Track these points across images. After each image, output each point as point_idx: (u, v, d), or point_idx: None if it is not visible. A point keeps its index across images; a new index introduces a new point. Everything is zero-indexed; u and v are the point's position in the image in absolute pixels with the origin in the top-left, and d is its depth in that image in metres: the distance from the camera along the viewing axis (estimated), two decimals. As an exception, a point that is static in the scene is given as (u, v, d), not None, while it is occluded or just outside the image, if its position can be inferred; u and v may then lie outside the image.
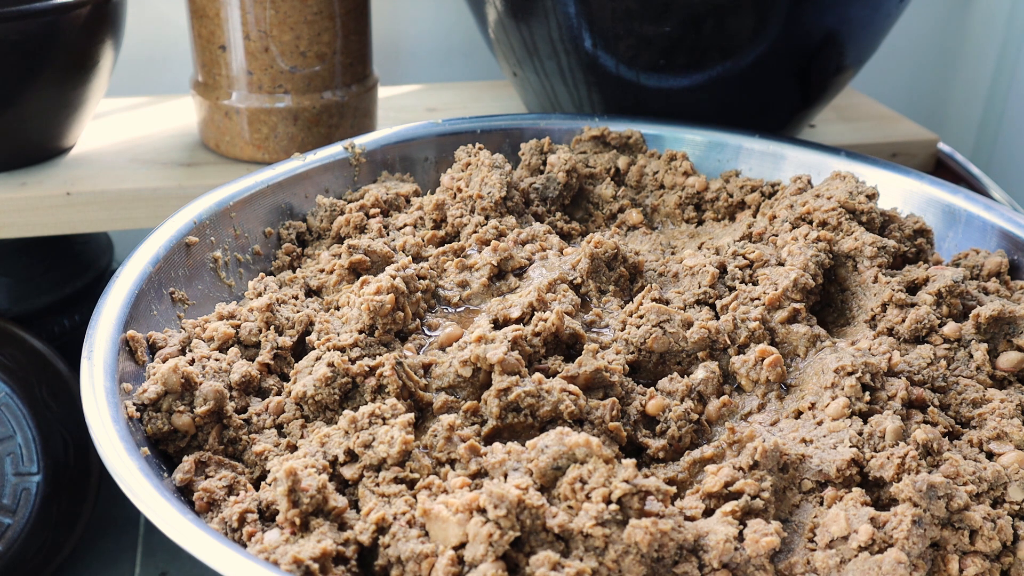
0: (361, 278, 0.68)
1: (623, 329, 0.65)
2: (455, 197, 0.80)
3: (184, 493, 0.55)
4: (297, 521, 0.50)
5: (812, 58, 0.92)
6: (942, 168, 1.07)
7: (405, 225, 0.78)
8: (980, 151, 1.43)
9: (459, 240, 0.77)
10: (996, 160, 1.40)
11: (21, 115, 0.93)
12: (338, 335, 0.63)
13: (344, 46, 0.96)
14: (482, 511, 0.48)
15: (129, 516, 1.10)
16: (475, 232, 0.76)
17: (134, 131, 1.06)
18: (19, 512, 0.94)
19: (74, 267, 1.13)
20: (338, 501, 0.51)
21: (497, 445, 0.54)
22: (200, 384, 0.58)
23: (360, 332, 0.63)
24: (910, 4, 0.94)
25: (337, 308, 0.68)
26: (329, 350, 0.61)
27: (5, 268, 1.08)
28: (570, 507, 0.49)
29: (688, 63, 0.91)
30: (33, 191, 0.93)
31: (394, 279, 0.65)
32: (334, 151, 0.84)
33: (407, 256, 0.73)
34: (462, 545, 0.48)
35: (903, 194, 0.81)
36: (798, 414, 0.60)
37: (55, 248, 1.11)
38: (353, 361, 0.60)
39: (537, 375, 0.59)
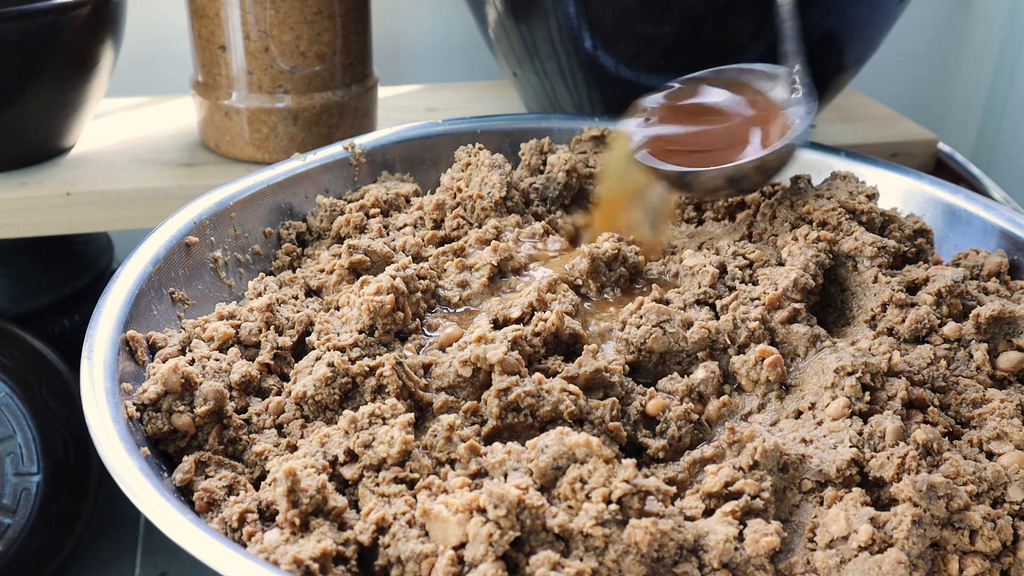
0: (361, 278, 0.68)
1: (623, 329, 0.65)
2: (455, 197, 0.80)
3: (184, 493, 0.55)
4: (297, 521, 0.50)
5: (812, 58, 0.92)
6: (942, 168, 1.07)
7: (405, 225, 0.78)
8: (980, 151, 1.43)
9: (459, 240, 0.77)
10: (996, 160, 1.40)
11: (21, 115, 0.93)
12: (338, 335, 0.63)
13: (344, 46, 0.96)
14: (482, 511, 0.48)
15: (129, 516, 1.10)
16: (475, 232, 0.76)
17: (134, 131, 1.06)
18: (19, 512, 0.94)
19: (74, 267, 1.13)
20: (338, 501, 0.51)
21: (497, 445, 0.54)
22: (200, 384, 0.58)
23: (360, 332, 0.63)
24: (910, 4, 0.94)
25: (337, 308, 0.68)
26: (329, 350, 0.61)
27: (5, 268, 1.08)
28: (570, 507, 0.49)
29: (688, 63, 0.91)
30: (33, 191, 0.93)
31: (394, 279, 0.65)
32: (334, 151, 0.84)
33: (407, 256, 0.73)
34: (462, 545, 0.48)
35: (903, 194, 0.81)
36: (798, 414, 0.60)
37: (55, 248, 1.11)
38: (353, 361, 0.60)
39: (537, 375, 0.59)
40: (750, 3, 0.84)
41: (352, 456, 0.54)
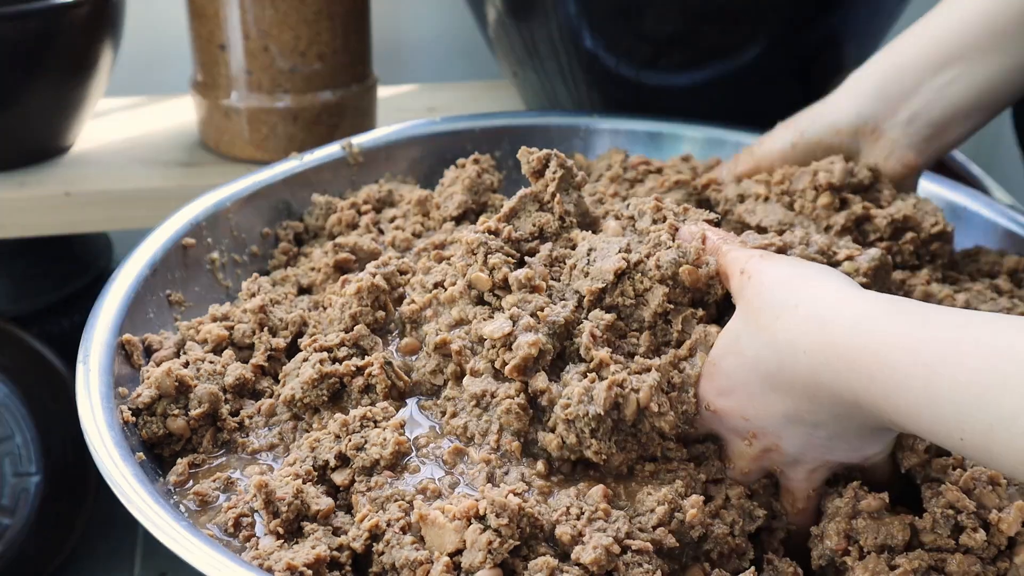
0: (342, 277, 0.67)
1: None
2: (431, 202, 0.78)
3: (179, 497, 0.55)
4: (281, 530, 0.50)
5: (812, 58, 0.91)
6: (942, 168, 1.06)
7: (395, 218, 0.77)
8: (981, 151, 1.42)
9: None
10: (997, 160, 1.40)
11: (21, 115, 0.93)
12: (325, 336, 0.63)
13: (344, 46, 0.96)
14: (480, 518, 0.48)
15: (129, 516, 1.09)
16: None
17: (134, 131, 1.06)
18: (19, 512, 0.94)
19: (74, 267, 1.13)
20: (320, 503, 0.51)
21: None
22: (194, 387, 0.58)
23: (345, 331, 0.62)
24: (910, 4, 0.93)
25: (325, 308, 0.67)
26: (315, 351, 0.61)
27: (5, 268, 1.09)
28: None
29: (688, 62, 0.91)
30: (33, 191, 0.93)
31: (374, 276, 0.64)
32: (331, 151, 0.83)
33: (397, 251, 0.72)
34: (458, 552, 0.48)
35: (903, 192, 0.80)
36: None
37: (55, 248, 1.12)
38: (340, 361, 0.60)
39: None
40: (749, 3, 0.84)
41: (344, 460, 0.54)
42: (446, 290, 0.61)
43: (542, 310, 0.56)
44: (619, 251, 0.56)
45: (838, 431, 0.50)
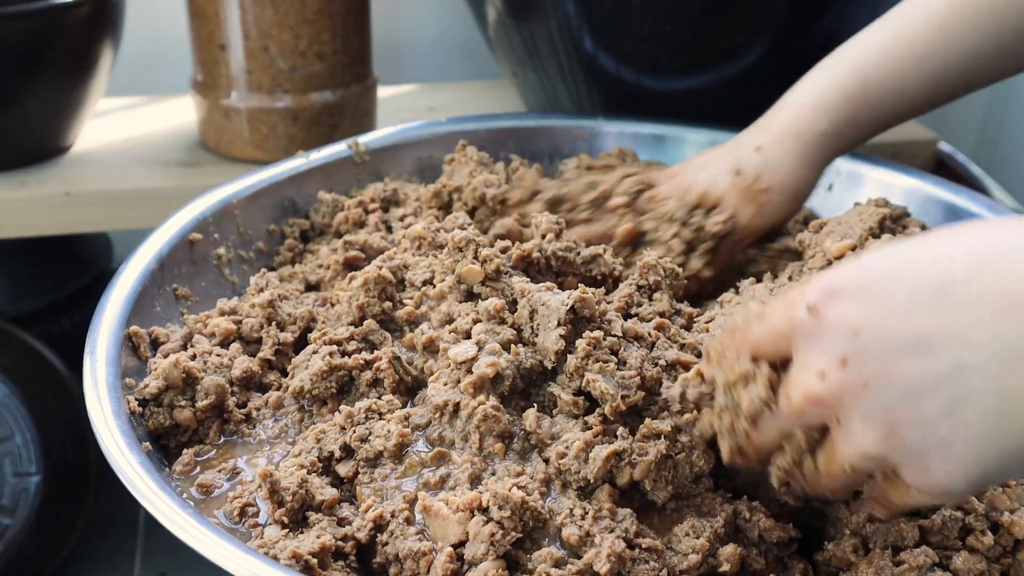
0: (350, 273, 0.67)
1: None
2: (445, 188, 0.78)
3: (184, 485, 0.55)
4: (285, 519, 0.50)
5: (812, 58, 0.92)
6: (943, 168, 1.07)
7: (405, 216, 0.77)
8: (981, 151, 1.43)
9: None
10: (997, 160, 1.40)
11: (21, 115, 0.93)
12: (334, 330, 0.63)
13: (344, 46, 0.96)
14: (484, 510, 0.48)
15: (128, 516, 1.09)
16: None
17: (134, 131, 1.06)
18: (19, 512, 0.94)
19: (74, 267, 1.13)
20: (325, 494, 0.51)
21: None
22: (201, 379, 0.58)
23: (352, 324, 0.63)
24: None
25: (333, 305, 0.67)
26: (325, 344, 0.61)
27: (5, 268, 1.09)
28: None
29: (688, 63, 0.91)
30: (33, 191, 0.93)
31: (380, 269, 0.64)
32: (338, 149, 0.83)
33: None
34: (461, 543, 0.48)
35: (904, 193, 0.81)
36: None
37: (55, 248, 1.11)
38: (348, 354, 0.60)
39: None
40: (749, 3, 0.84)
41: (348, 451, 0.54)
42: (435, 287, 0.61)
43: (514, 343, 0.55)
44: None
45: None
